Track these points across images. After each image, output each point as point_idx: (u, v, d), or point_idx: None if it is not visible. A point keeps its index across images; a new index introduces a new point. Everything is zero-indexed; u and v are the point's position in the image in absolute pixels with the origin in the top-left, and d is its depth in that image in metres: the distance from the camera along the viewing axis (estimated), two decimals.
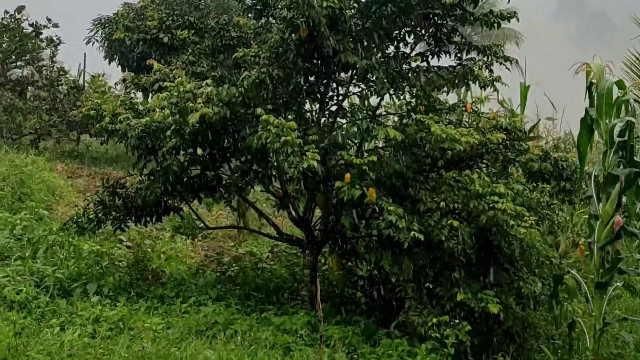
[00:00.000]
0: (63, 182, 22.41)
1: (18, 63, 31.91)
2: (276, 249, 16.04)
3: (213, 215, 20.58)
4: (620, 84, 11.82)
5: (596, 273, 11.23)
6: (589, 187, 11.50)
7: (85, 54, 37.18)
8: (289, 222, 15.52)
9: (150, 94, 12.71)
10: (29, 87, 31.68)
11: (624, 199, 13.46)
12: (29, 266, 12.65)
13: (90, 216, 13.28)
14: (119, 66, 32.26)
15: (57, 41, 32.11)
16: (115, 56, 32.02)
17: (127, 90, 13.42)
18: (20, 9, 31.49)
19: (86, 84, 33.83)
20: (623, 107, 12.40)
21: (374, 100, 13.09)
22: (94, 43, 33.04)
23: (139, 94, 14.23)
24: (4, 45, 31.11)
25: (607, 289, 11.23)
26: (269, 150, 10.51)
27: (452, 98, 15.79)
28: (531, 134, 16.59)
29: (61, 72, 31.79)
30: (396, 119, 13.39)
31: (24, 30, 31.40)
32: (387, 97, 12.74)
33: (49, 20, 31.75)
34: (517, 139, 12.37)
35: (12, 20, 31.20)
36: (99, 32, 32.62)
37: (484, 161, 12.43)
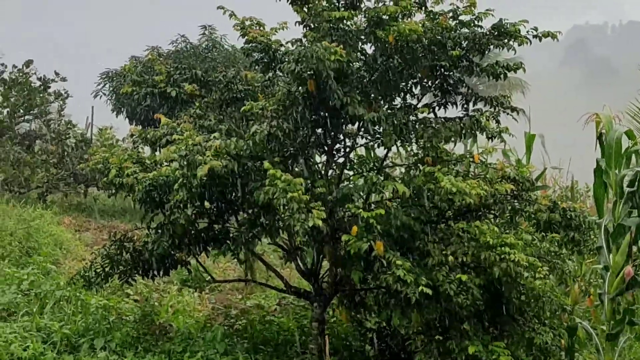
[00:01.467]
0: (71, 236, 22.44)
1: (26, 117, 32.16)
2: (284, 302, 15.95)
3: (221, 267, 20.54)
4: (630, 134, 11.87)
5: (607, 324, 11.17)
6: (598, 237, 11.48)
7: (92, 107, 37.36)
8: (297, 274, 15.49)
9: (158, 148, 12.72)
10: (36, 141, 31.89)
11: (634, 249, 13.44)
12: (36, 322, 12.61)
13: (98, 270, 13.24)
14: (127, 119, 32.64)
15: (65, 95, 32.41)
16: (122, 109, 32.38)
17: (135, 145, 13.46)
18: (28, 63, 31.81)
19: (94, 137, 34.04)
20: (633, 157, 12.44)
21: (381, 151, 13.12)
22: (101, 97, 33.43)
23: (147, 148, 14.28)
24: (12, 99, 31.35)
25: (618, 340, 11.16)
26: (276, 205, 10.49)
27: (458, 147, 15.78)
28: (538, 184, 16.59)
29: (69, 126, 32.03)
30: (403, 170, 13.38)
31: (32, 84, 31.67)
32: (394, 148, 12.76)
33: (56, 74, 32.07)
34: (525, 189, 12.34)
35: (21, 74, 31.47)
36: (107, 86, 33.00)
37: (492, 212, 12.39)
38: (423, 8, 12.33)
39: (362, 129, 12.31)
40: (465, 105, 12.70)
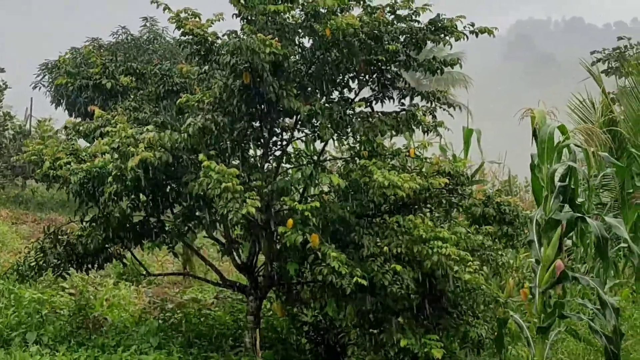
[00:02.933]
0: (7, 229, 22.20)
1: None
2: (221, 295, 15.89)
3: (159, 261, 20.41)
4: (562, 129, 11.98)
5: (538, 317, 11.29)
6: (530, 231, 11.60)
7: (32, 98, 36.96)
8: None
9: (92, 141, 12.58)
10: None
11: (568, 242, 13.59)
12: None
13: (31, 263, 13.06)
14: (66, 111, 32.32)
15: (4, 86, 31.98)
16: (62, 101, 32.05)
17: (69, 137, 13.31)
18: None
19: (33, 129, 33.66)
20: (566, 152, 12.57)
21: (319, 145, 13.13)
22: (40, 88, 33.05)
23: (83, 141, 14.12)
24: None
25: (548, 334, 11.28)
26: (210, 196, 10.45)
27: (400, 141, 15.84)
28: (476, 178, 16.73)
29: (7, 117, 31.60)
30: (341, 163, 13.42)
31: None
32: (331, 142, 12.78)
33: None
34: (460, 184, 12.42)
35: None
36: (46, 77, 32.64)
37: (428, 206, 12.46)
38: (361, 2, 12.34)
39: (299, 122, 12.30)
40: (402, 100, 12.75)
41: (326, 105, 11.91)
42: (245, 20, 12.03)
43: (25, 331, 12.35)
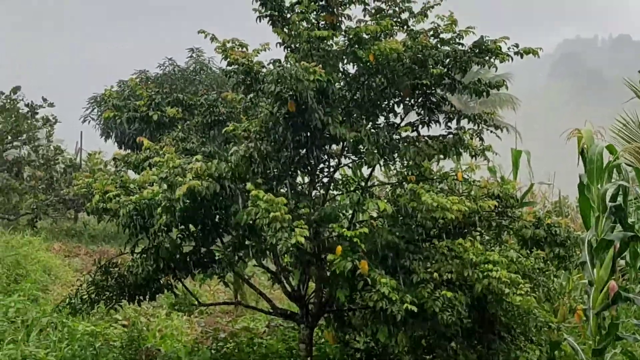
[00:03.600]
0: (60, 262, 22.40)
1: (14, 143, 32.12)
2: (273, 324, 15.89)
3: (211, 291, 20.47)
4: (610, 149, 11.86)
5: (593, 339, 11.13)
6: (582, 252, 11.46)
7: (81, 132, 37.46)
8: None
9: (140, 172, 12.68)
10: (25, 167, 31.86)
11: (622, 262, 13.37)
12: (21, 349, 12.51)
13: (83, 297, 13.17)
14: (115, 143, 32.67)
15: (53, 120, 32.45)
16: (111, 134, 32.43)
17: (118, 169, 13.44)
18: (15, 89, 31.84)
19: (83, 162, 34.06)
20: (615, 172, 12.43)
21: (366, 170, 13.11)
22: (89, 121, 33.47)
23: (132, 172, 14.25)
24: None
25: (604, 356, 11.11)
26: (259, 225, 10.46)
27: (449, 164, 15.78)
28: (525, 200, 16.56)
29: (57, 151, 32.02)
30: (389, 188, 13.38)
31: (20, 111, 31.69)
32: (379, 167, 12.75)
33: (44, 99, 32.10)
34: (509, 206, 12.32)
35: (8, 101, 31.49)
36: (95, 110, 33.06)
37: (477, 229, 12.35)
38: (405, 27, 12.35)
39: (346, 149, 12.29)
40: (448, 123, 12.69)
41: (372, 130, 11.88)
42: (289, 49, 12.09)
43: None
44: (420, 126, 12.64)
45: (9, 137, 31.53)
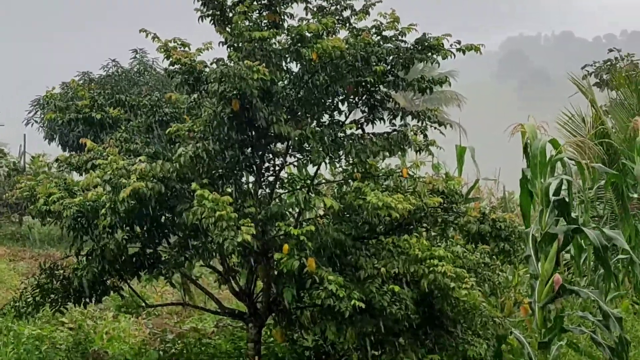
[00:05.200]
0: (5, 266, 22.15)
1: None
2: (221, 324, 15.82)
3: (159, 292, 20.33)
4: (554, 143, 12.02)
5: (539, 332, 11.26)
6: (527, 246, 11.58)
7: (24, 135, 36.99)
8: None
9: (84, 173, 12.55)
10: None
11: (567, 256, 13.53)
12: None
13: (28, 300, 13.01)
14: (59, 146, 32.30)
15: None
16: (55, 136, 32.04)
17: (61, 170, 13.30)
18: None
19: (27, 166, 33.66)
20: (560, 165, 12.58)
21: (312, 169, 13.13)
22: (32, 124, 33.05)
23: (76, 174, 14.10)
24: None
25: (550, 348, 11.26)
26: (205, 224, 10.43)
27: (395, 161, 15.84)
28: (470, 196, 16.69)
29: (0, 155, 31.62)
30: (335, 186, 13.40)
31: None
32: (324, 165, 12.77)
33: None
34: (455, 202, 12.40)
35: None
36: (38, 113, 32.65)
37: (423, 225, 12.44)
38: (347, 24, 12.38)
39: (291, 147, 12.28)
40: (392, 120, 12.73)
41: (317, 129, 11.90)
42: (232, 48, 12.05)
43: None
44: (365, 123, 12.69)
45: None
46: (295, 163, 13.19)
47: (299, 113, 12.03)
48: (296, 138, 11.39)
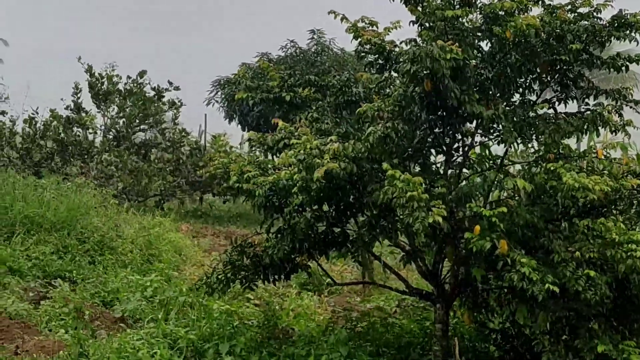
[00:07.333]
0: (189, 242, 22.86)
1: (142, 126, 32.84)
2: (403, 304, 15.83)
3: (337, 270, 20.56)
4: None
5: None
6: None
7: (205, 114, 38.05)
8: (414, 275, 15.36)
9: (276, 153, 12.74)
10: (152, 150, 32.56)
11: None
12: (162, 328, 12.81)
13: (220, 276, 13.36)
14: (239, 125, 33.09)
15: (179, 103, 33.01)
16: (234, 116, 32.82)
17: (251, 150, 13.59)
18: (142, 73, 32.49)
19: (207, 144, 34.59)
20: None
21: (497, 149, 12.93)
22: (213, 104, 33.94)
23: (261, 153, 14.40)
24: (127, 109, 32.07)
25: None
26: (395, 205, 10.43)
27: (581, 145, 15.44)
28: None
29: (183, 134, 32.63)
30: (519, 167, 13.16)
31: (147, 94, 32.31)
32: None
33: (170, 83, 32.65)
34: None
35: (135, 85, 32.15)
36: (219, 93, 33.47)
37: (618, 208, 12.04)
38: (540, 2, 12.09)
39: (481, 127, 12.11)
40: (585, 100, 12.39)
41: (508, 108, 11.71)
42: (422, 27, 11.94)
43: (217, 342, 12.55)
44: (556, 103, 12.39)
45: (137, 121, 32.26)
46: (484, 143, 12.97)
47: (490, 92, 11.84)
48: (488, 117, 11.22)
